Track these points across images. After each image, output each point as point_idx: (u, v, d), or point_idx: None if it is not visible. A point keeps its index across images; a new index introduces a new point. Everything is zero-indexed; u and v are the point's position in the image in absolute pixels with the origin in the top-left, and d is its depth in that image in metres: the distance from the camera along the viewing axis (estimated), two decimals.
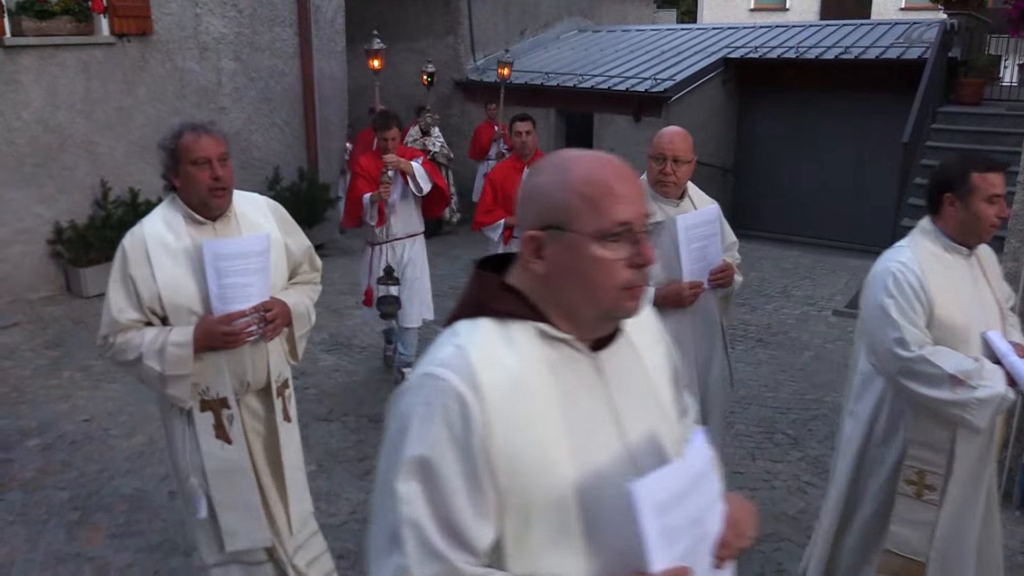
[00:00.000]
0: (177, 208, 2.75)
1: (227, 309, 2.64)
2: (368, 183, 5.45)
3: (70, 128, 7.67)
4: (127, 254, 2.65)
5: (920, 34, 11.99)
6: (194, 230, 2.72)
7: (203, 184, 2.66)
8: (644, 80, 11.85)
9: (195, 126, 2.69)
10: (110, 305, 2.65)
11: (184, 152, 2.65)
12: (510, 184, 5.52)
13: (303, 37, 9.71)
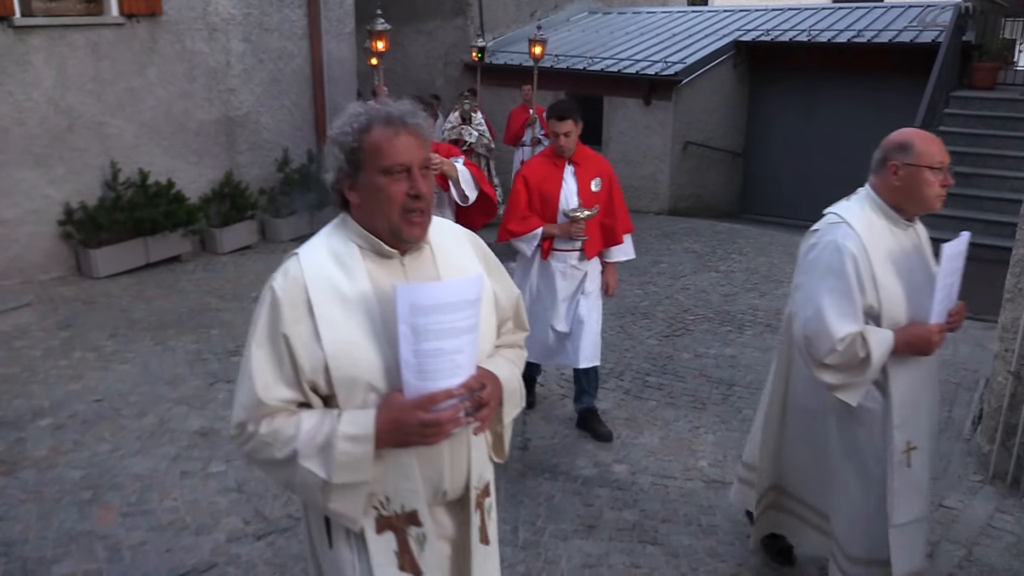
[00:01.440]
0: (351, 235, 1.92)
1: (426, 387, 1.79)
2: None
3: (80, 109, 7.68)
4: (279, 303, 1.83)
5: (934, 17, 11.89)
6: (376, 268, 1.90)
7: (396, 203, 1.84)
8: (655, 63, 11.80)
9: (389, 116, 1.86)
10: (252, 377, 1.83)
11: (372, 154, 1.84)
12: (549, 185, 4.62)
13: (312, 18, 9.68)
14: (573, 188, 4.58)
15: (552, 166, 4.65)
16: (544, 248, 4.67)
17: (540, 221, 4.60)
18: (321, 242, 1.94)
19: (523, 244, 4.67)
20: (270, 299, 1.86)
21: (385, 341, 1.81)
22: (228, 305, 7.12)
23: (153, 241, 8.06)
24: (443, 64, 13.87)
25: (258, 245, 9.16)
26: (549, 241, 4.64)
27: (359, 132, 1.85)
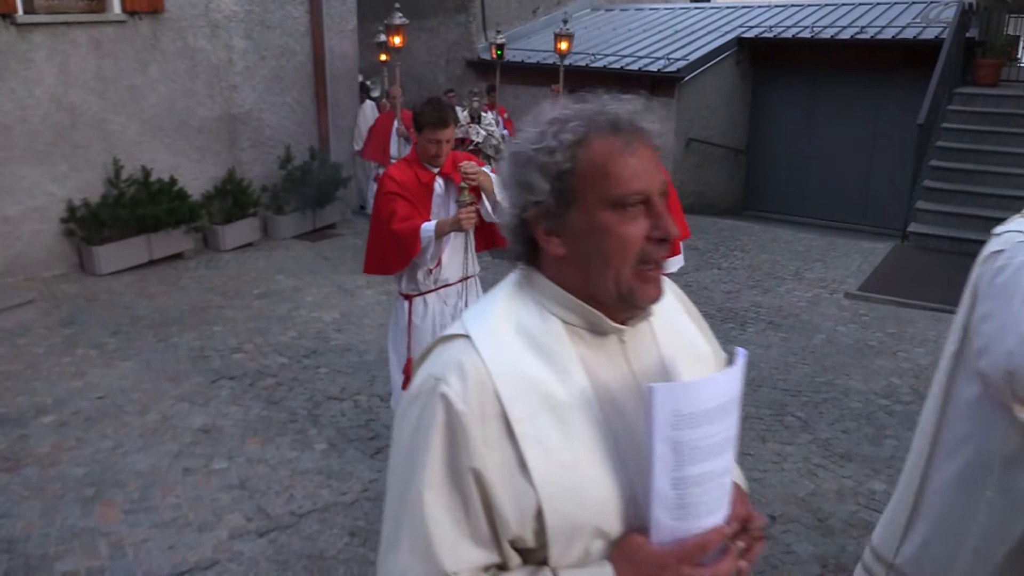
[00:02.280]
0: (547, 304, 1.28)
1: (687, 528, 1.21)
2: (411, 206, 3.81)
3: (82, 106, 7.68)
4: (461, 422, 1.19)
5: (938, 14, 11.85)
6: (589, 353, 1.27)
7: (632, 250, 1.22)
8: (657, 60, 11.77)
9: (616, 120, 1.23)
10: (428, 537, 1.20)
11: (594, 179, 1.22)
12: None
13: (314, 15, 9.67)
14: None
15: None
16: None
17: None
18: (500, 315, 1.28)
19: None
20: (443, 415, 1.19)
21: (620, 465, 1.23)
22: (230, 302, 7.12)
23: (156, 238, 8.06)
24: (445, 61, 13.85)
25: (260, 242, 9.16)
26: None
27: (572, 146, 1.22)
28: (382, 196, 3.85)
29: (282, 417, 4.98)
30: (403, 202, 3.77)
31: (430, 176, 3.89)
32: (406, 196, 3.79)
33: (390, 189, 3.81)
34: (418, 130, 3.77)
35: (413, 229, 3.69)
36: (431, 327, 3.96)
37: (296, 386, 5.44)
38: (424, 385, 1.23)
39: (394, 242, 3.77)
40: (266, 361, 5.85)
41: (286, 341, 6.24)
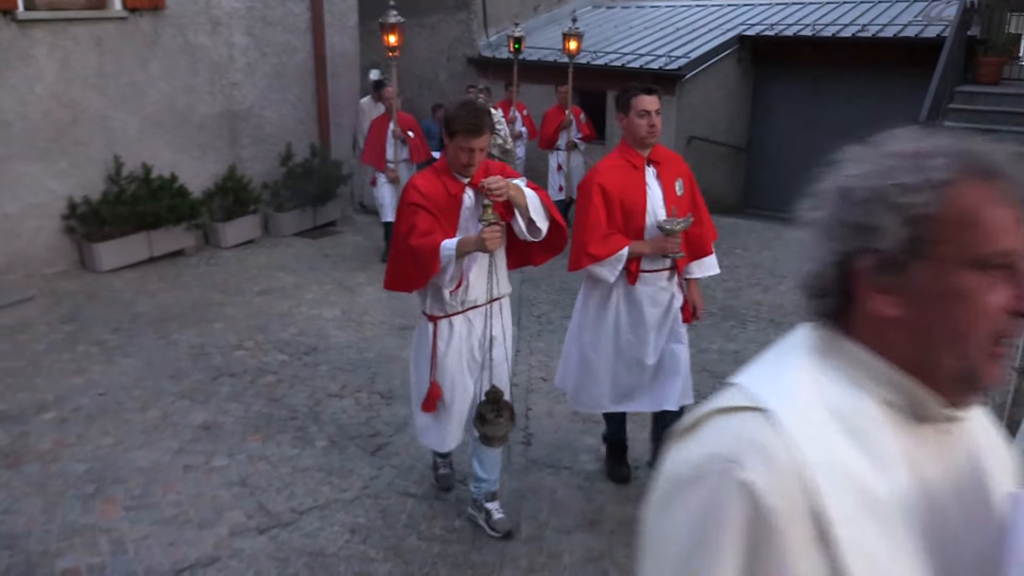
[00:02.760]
0: (861, 377, 1.06)
1: None
2: (434, 219, 3.46)
3: (83, 103, 7.68)
4: (769, 520, 0.94)
5: (939, 12, 11.83)
6: (910, 442, 1.04)
7: (988, 322, 1.00)
8: (658, 57, 11.76)
9: (992, 164, 1.01)
10: None
11: (960, 230, 0.99)
12: (631, 192, 3.81)
13: (315, 12, 9.66)
14: (659, 195, 3.86)
15: (631, 169, 3.86)
16: (631, 271, 3.88)
17: (625, 239, 3.81)
18: (804, 387, 1.04)
19: (605, 269, 3.83)
20: (743, 509, 0.94)
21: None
22: (231, 299, 7.12)
23: (156, 235, 8.06)
24: (446, 59, 13.84)
25: (261, 239, 9.16)
26: (636, 262, 3.87)
27: (940, 186, 0.99)
28: (404, 207, 3.54)
29: (283, 414, 4.98)
30: (425, 215, 3.43)
31: (459, 187, 3.53)
32: (430, 209, 3.45)
33: (412, 200, 3.47)
34: (449, 136, 3.42)
35: (432, 246, 3.33)
36: (457, 351, 3.68)
37: (297, 383, 5.44)
38: (707, 468, 0.97)
39: (412, 258, 3.43)
40: (267, 358, 5.85)
41: (287, 338, 6.25)
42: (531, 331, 6.51)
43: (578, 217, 3.90)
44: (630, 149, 3.89)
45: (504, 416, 3.55)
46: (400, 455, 4.51)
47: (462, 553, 3.65)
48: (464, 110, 3.37)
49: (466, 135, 3.36)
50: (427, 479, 4.26)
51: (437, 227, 3.43)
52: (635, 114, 3.78)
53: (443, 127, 3.45)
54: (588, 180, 3.92)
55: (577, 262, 3.87)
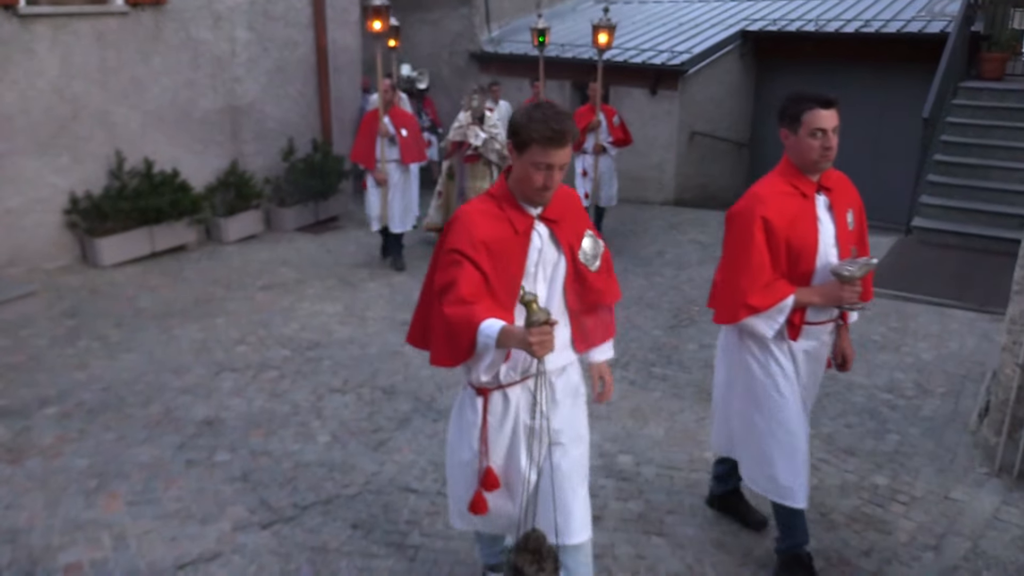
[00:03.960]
0: None
1: None
2: (485, 278, 2.54)
3: (85, 98, 7.67)
4: None
5: (943, 7, 11.79)
6: None
7: None
8: (661, 53, 11.74)
9: None
10: None
11: None
12: (801, 227, 3.05)
13: (317, 7, 9.64)
14: (831, 230, 3.12)
15: (798, 198, 3.08)
16: (793, 323, 3.13)
17: (789, 285, 3.06)
18: None
19: (763, 323, 3.09)
20: None
21: None
22: (233, 295, 7.12)
23: (158, 230, 8.06)
24: (448, 54, 13.82)
25: (263, 234, 9.15)
26: (800, 313, 3.11)
27: None
28: (446, 253, 2.58)
29: (285, 410, 4.98)
30: (471, 271, 2.50)
31: (527, 222, 2.62)
32: (480, 260, 2.51)
33: (458, 245, 2.53)
34: (517, 148, 2.53)
35: (469, 323, 2.40)
36: (512, 425, 2.75)
37: (299, 379, 5.44)
38: None
39: (443, 328, 2.51)
40: (269, 353, 5.85)
41: (289, 334, 6.24)
42: None
43: (732, 257, 3.13)
44: (796, 172, 3.10)
45: (547, 570, 2.52)
46: (402, 451, 4.51)
47: (465, 549, 3.65)
48: (540, 113, 2.48)
49: (544, 146, 2.45)
50: (429, 474, 4.26)
51: (484, 291, 2.51)
52: (806, 132, 3.00)
53: (510, 138, 2.57)
54: (747, 210, 3.09)
55: (732, 314, 3.12)
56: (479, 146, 7.96)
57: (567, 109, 3.57)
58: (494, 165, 8.13)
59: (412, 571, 3.51)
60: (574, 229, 2.74)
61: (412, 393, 5.24)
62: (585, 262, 2.72)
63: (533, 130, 2.47)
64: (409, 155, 7.87)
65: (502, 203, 2.63)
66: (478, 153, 8.02)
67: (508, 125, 2.59)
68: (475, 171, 8.17)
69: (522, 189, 2.59)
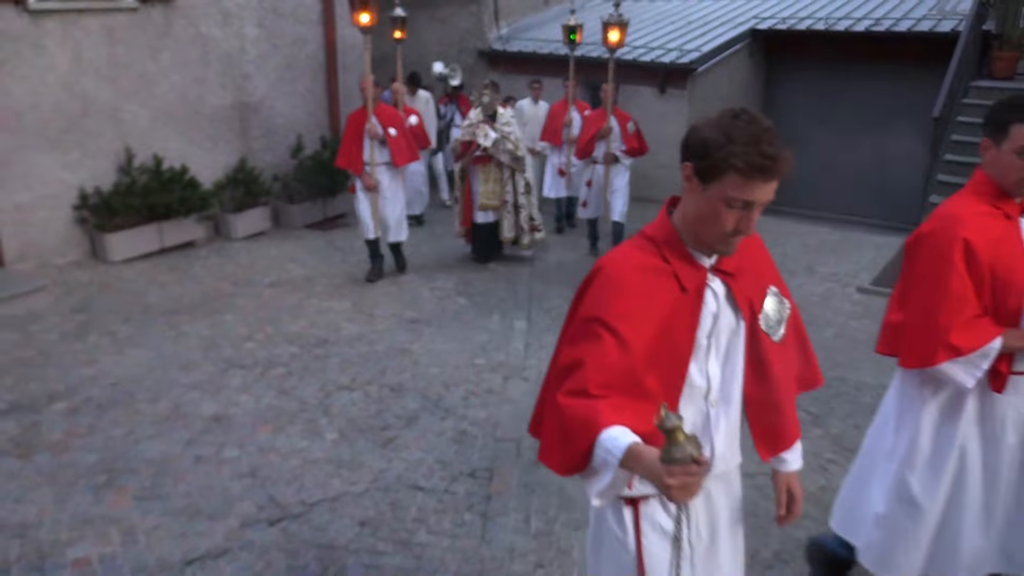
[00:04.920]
0: None
1: None
2: (631, 355, 1.85)
3: (95, 94, 7.69)
4: None
5: (954, 6, 11.73)
6: None
7: None
8: (670, 51, 11.70)
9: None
10: None
11: None
12: (1007, 255, 2.55)
13: (326, 3, 9.65)
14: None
15: (1000, 219, 2.60)
16: (998, 373, 2.59)
17: (995, 326, 2.55)
18: None
19: (962, 369, 2.56)
20: None
21: None
22: (241, 291, 7.13)
23: (167, 226, 8.08)
24: (457, 51, 13.80)
25: (271, 231, 9.17)
26: (1006, 360, 2.58)
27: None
28: (580, 320, 1.95)
29: (293, 406, 4.99)
30: (610, 349, 1.84)
31: (699, 276, 1.97)
32: (626, 333, 1.85)
33: (598, 311, 1.89)
34: (702, 175, 1.84)
35: (587, 426, 1.75)
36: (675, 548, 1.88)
37: (307, 375, 5.44)
38: None
39: (556, 422, 1.86)
40: (277, 350, 5.86)
41: (297, 330, 6.25)
42: (541, 325, 6.49)
43: (925, 287, 2.60)
44: (996, 190, 2.61)
45: None
46: (410, 448, 4.51)
47: (471, 547, 3.65)
48: (744, 129, 1.79)
49: (747, 178, 1.79)
50: (436, 472, 4.26)
51: (623, 380, 1.83)
52: (1013, 148, 2.50)
53: (690, 159, 1.87)
54: (942, 232, 2.59)
55: (928, 356, 2.55)
56: (488, 147, 7.59)
57: None
58: (506, 167, 7.77)
59: (419, 569, 3.51)
60: (757, 284, 2.07)
61: (420, 391, 5.24)
62: (767, 330, 2.05)
63: (735, 153, 1.77)
64: (400, 156, 7.32)
65: (665, 249, 1.96)
66: (489, 154, 7.67)
67: (688, 141, 1.88)
68: (486, 174, 7.83)
69: (700, 232, 1.92)
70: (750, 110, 1.84)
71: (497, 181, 7.84)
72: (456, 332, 6.32)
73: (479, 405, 5.08)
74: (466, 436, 4.67)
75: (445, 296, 7.22)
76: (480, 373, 5.56)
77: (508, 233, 8.02)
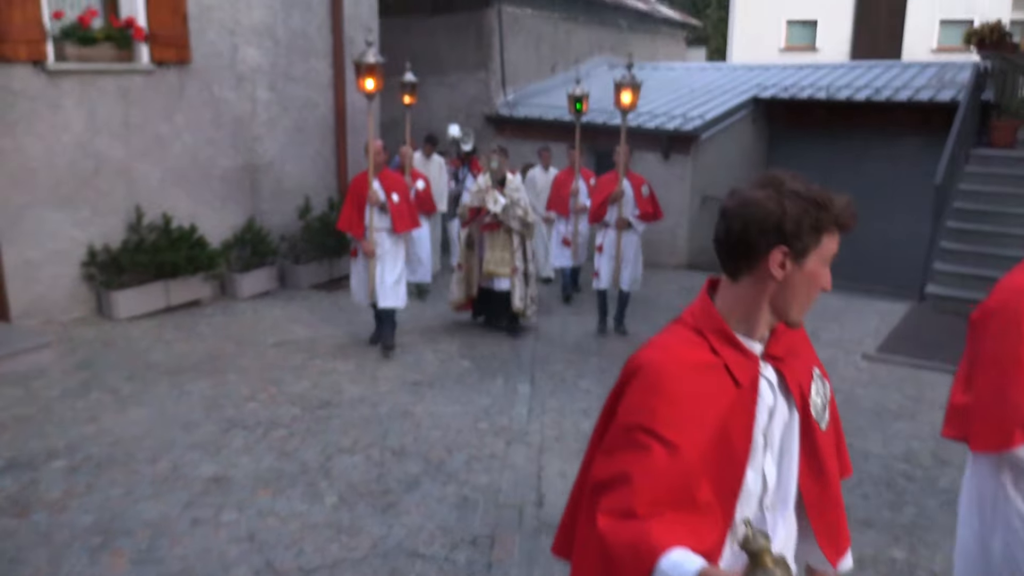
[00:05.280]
0: None
1: None
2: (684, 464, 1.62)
3: (108, 152, 7.82)
4: None
5: (952, 76, 11.95)
6: None
7: None
8: (674, 118, 11.89)
9: None
10: None
11: None
12: None
13: (337, 69, 9.86)
14: None
15: None
16: None
17: None
18: None
19: None
20: None
21: None
22: (245, 351, 7.13)
23: (174, 284, 8.12)
24: (464, 116, 14.04)
25: (277, 291, 9.21)
26: None
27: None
28: (621, 428, 1.70)
29: (293, 469, 4.94)
30: (660, 460, 1.62)
31: (751, 366, 1.75)
32: (679, 443, 1.63)
33: (643, 419, 1.66)
34: (799, 243, 1.68)
35: (640, 553, 1.52)
36: None
37: (308, 437, 5.40)
38: None
39: (596, 551, 1.62)
40: (279, 411, 5.83)
41: (300, 391, 6.23)
42: (545, 389, 6.46)
43: (996, 364, 2.44)
44: None
45: None
46: (411, 514, 4.45)
47: None
48: (815, 191, 1.73)
49: (842, 232, 1.77)
50: (437, 539, 4.19)
51: (675, 496, 1.61)
52: None
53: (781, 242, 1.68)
54: (1011, 306, 2.47)
55: (1001, 437, 2.39)
56: (497, 212, 7.46)
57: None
58: (516, 234, 7.62)
59: None
60: (803, 366, 1.88)
61: (422, 455, 5.20)
62: (816, 417, 1.85)
63: (838, 213, 1.72)
64: (401, 223, 7.14)
65: (713, 339, 1.74)
66: (498, 220, 7.55)
67: (765, 228, 1.67)
68: (495, 240, 7.69)
69: (786, 308, 1.74)
70: (781, 173, 1.76)
71: (506, 248, 7.69)
72: (459, 395, 6.29)
73: (481, 470, 5.02)
74: (468, 502, 4.61)
75: (448, 358, 7.20)
76: (483, 437, 5.52)
77: (519, 303, 7.70)
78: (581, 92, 8.48)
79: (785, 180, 1.70)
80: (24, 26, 7.00)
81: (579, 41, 15.77)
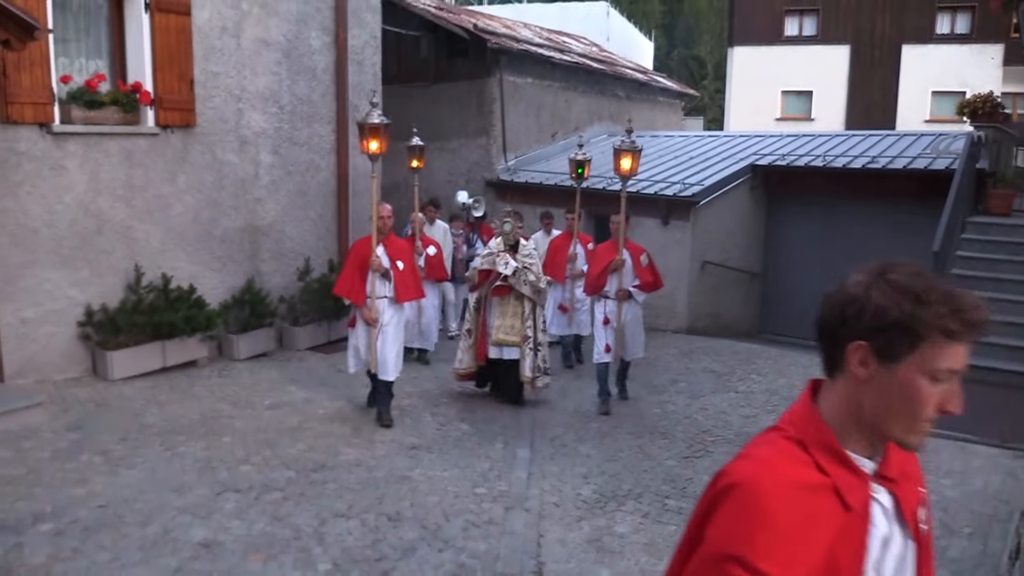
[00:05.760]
0: None
1: None
2: None
3: (109, 213, 7.85)
4: None
5: (947, 145, 12.12)
6: None
7: None
8: (673, 184, 12.01)
9: None
10: None
11: None
12: None
13: (340, 134, 9.99)
14: None
15: None
16: None
17: None
18: None
19: None
20: None
21: None
22: (241, 412, 7.03)
23: (171, 345, 8.06)
24: (465, 181, 14.20)
25: (275, 353, 9.14)
26: None
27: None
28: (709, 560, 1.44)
29: (286, 534, 4.81)
30: None
31: (863, 487, 1.49)
32: (769, 571, 1.36)
33: (742, 551, 1.38)
34: (888, 356, 1.44)
35: None
36: None
37: (303, 502, 5.28)
38: None
39: None
40: (273, 474, 5.71)
41: (295, 454, 6.12)
42: (544, 454, 6.36)
43: None
44: None
45: None
46: None
47: None
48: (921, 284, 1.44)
49: (957, 341, 1.44)
50: None
51: None
52: None
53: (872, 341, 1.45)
54: None
55: None
56: (509, 275, 7.22)
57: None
58: (527, 300, 7.36)
59: None
60: (915, 489, 1.62)
61: (418, 520, 5.07)
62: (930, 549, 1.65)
63: (941, 314, 1.41)
64: (405, 293, 6.90)
65: (819, 455, 1.47)
66: (508, 285, 7.31)
67: (846, 316, 1.51)
68: (504, 307, 7.47)
69: (883, 425, 1.48)
70: (898, 261, 1.51)
71: (516, 315, 7.43)
72: (457, 459, 6.18)
73: (479, 536, 4.90)
74: (464, 569, 4.48)
75: (447, 422, 7.10)
76: (481, 503, 5.40)
77: (528, 373, 7.38)
78: (583, 157, 8.45)
79: (892, 267, 1.47)
80: (32, 89, 7.10)
81: (579, 109, 16.06)
